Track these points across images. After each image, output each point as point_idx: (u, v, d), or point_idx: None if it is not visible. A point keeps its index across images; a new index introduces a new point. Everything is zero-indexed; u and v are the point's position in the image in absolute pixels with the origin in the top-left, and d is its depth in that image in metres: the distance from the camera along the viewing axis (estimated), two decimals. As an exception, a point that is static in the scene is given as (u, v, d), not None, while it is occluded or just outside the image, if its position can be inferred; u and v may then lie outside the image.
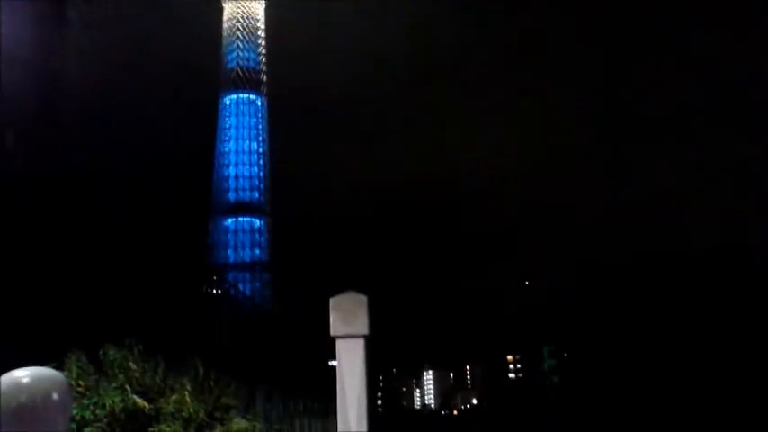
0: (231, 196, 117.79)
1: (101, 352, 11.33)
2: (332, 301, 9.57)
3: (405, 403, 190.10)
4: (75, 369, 10.81)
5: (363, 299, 9.63)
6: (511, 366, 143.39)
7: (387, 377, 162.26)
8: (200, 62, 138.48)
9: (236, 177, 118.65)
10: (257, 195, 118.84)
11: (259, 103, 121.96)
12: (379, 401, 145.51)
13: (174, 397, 11.05)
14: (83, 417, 10.16)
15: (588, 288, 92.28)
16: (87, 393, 10.61)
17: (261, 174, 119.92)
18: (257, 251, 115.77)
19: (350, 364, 9.24)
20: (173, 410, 10.82)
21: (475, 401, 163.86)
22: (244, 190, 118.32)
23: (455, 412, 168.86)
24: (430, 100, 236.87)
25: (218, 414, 11.62)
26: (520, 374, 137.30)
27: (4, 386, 2.73)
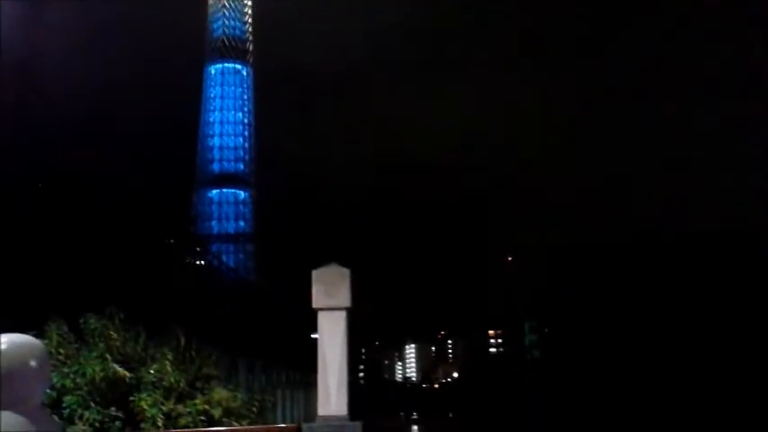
0: (215, 167, 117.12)
1: (81, 321, 11.30)
2: (314, 273, 9.60)
3: (387, 376, 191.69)
4: (55, 337, 10.79)
5: (346, 272, 9.67)
6: (492, 341, 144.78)
7: (369, 350, 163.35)
8: (185, 30, 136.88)
9: (221, 148, 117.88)
10: (242, 166, 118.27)
11: (245, 73, 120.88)
12: (361, 374, 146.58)
13: (155, 366, 11.06)
14: (63, 385, 10.17)
15: (570, 265, 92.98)
16: (67, 362, 10.61)
17: (246, 145, 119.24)
18: (241, 223, 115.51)
19: (331, 336, 9.30)
20: (153, 380, 10.84)
21: (456, 375, 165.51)
22: (228, 161, 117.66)
23: (436, 385, 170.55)
24: (420, 71, 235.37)
25: (199, 384, 11.64)
26: (501, 349, 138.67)
27: (-20, 352, 2.72)
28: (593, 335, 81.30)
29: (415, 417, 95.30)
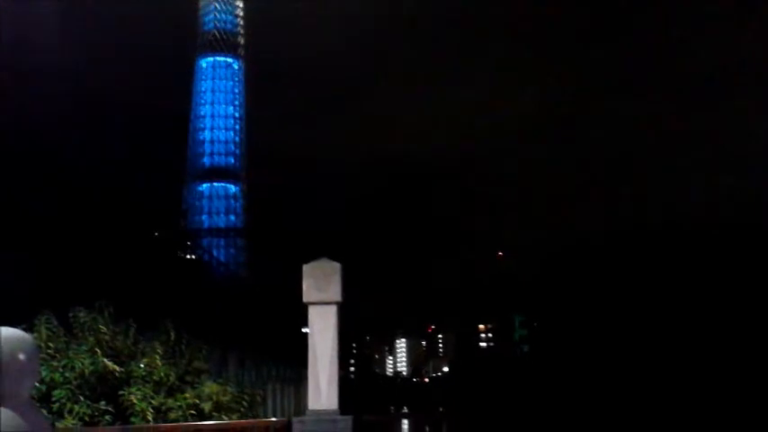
0: (206, 161, 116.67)
1: (71, 314, 11.26)
2: (305, 267, 9.59)
3: (377, 370, 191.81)
4: (44, 331, 10.74)
5: (337, 266, 9.66)
6: (483, 335, 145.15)
7: (360, 344, 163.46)
8: (177, 23, 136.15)
9: (212, 142, 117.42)
10: (233, 160, 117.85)
11: (236, 67, 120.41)
12: (352, 368, 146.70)
13: (144, 360, 11.05)
14: (52, 379, 10.13)
15: (561, 260, 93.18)
16: (57, 356, 10.57)
17: (237, 139, 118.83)
18: (232, 217, 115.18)
19: (322, 330, 9.31)
20: (143, 374, 10.83)
21: (446, 369, 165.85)
22: (219, 155, 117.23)
23: (426, 379, 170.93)
24: (412, 66, 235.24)
25: (189, 378, 11.63)
26: (491, 343, 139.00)
27: (-31, 346, 2.71)
28: (584, 330, 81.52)
29: (405, 411, 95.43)
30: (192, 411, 10.80)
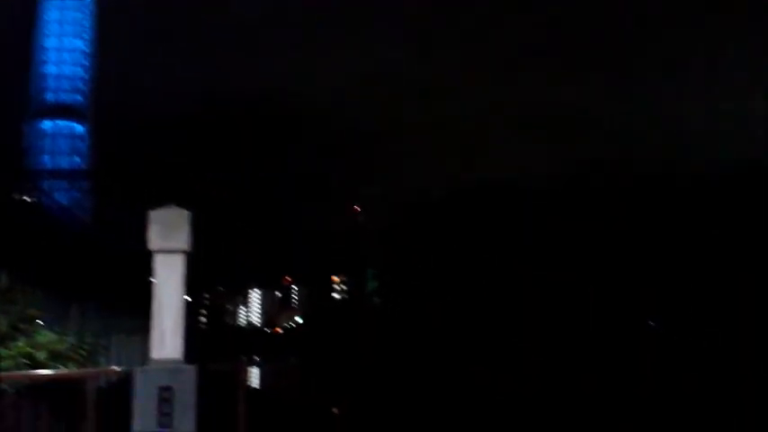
0: (50, 97, 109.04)
1: None
2: (152, 214, 9.33)
3: (230, 321, 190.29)
4: None
5: (185, 213, 9.47)
6: (336, 287, 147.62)
7: (212, 295, 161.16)
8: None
9: (57, 77, 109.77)
10: (80, 98, 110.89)
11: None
12: (203, 318, 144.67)
13: (-27, 308, 10.44)
14: None
15: (413, 213, 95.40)
16: None
17: (85, 75, 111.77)
18: (77, 158, 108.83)
19: (167, 279, 9.15)
20: (-30, 321, 10.24)
21: (299, 320, 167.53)
22: (65, 91, 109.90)
23: (278, 330, 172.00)
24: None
25: (23, 326, 11.12)
26: (345, 295, 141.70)
27: None
28: (431, 284, 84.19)
29: (256, 359, 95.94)
30: (26, 360, 10.37)
